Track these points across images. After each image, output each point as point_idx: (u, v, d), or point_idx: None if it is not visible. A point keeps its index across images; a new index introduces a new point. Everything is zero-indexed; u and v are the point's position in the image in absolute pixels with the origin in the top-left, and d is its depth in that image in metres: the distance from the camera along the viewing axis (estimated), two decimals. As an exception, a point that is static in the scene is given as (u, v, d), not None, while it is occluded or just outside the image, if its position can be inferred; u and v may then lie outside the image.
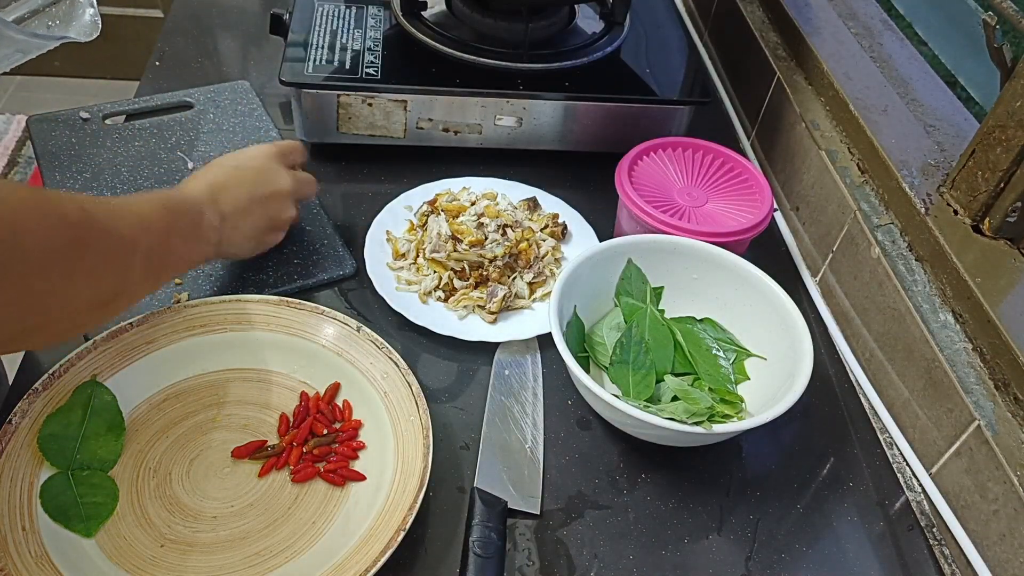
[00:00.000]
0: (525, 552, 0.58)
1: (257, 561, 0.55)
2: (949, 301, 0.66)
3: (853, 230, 0.75)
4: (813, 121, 0.84)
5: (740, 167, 0.79)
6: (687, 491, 0.63)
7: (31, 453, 0.57)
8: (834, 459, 0.67)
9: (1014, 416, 0.58)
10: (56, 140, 0.83)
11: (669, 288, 0.72)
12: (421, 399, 0.61)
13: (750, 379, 0.68)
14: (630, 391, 0.65)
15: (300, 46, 0.84)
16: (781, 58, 0.93)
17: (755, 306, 0.68)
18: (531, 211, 0.81)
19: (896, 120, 0.78)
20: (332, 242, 0.77)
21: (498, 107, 0.84)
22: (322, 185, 0.83)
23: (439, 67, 0.84)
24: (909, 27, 0.90)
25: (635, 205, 0.73)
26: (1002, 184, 0.65)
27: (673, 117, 0.87)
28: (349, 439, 0.62)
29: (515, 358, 0.70)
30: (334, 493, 0.59)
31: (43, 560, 0.52)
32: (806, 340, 0.63)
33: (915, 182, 0.72)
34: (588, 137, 0.87)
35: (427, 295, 0.73)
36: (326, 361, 0.65)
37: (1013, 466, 0.56)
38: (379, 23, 0.89)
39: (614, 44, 0.90)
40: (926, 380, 0.64)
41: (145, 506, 0.57)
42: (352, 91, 0.81)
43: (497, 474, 0.61)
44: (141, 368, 0.63)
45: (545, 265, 0.76)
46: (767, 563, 0.59)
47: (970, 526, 0.60)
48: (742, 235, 0.72)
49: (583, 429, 0.66)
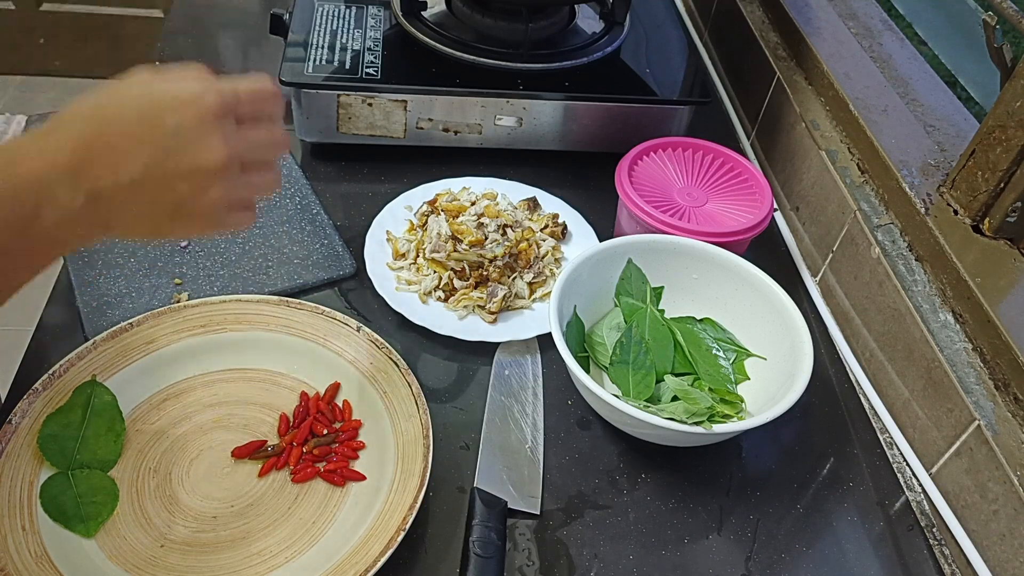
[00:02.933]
0: (525, 552, 0.58)
1: (257, 561, 0.55)
2: (949, 301, 0.66)
3: (853, 230, 0.75)
4: (813, 121, 0.84)
5: (740, 167, 0.79)
6: (687, 491, 0.63)
7: (31, 453, 0.57)
8: (834, 459, 0.67)
9: (1014, 416, 0.58)
10: (56, 140, 0.83)
11: (669, 288, 0.72)
12: (421, 399, 0.61)
13: (750, 379, 0.68)
14: (630, 391, 0.65)
15: (300, 46, 0.84)
16: (781, 58, 0.92)
17: (755, 306, 0.68)
18: (531, 211, 0.81)
19: (896, 120, 0.78)
20: (332, 242, 0.77)
21: (498, 107, 0.84)
22: (322, 185, 0.83)
23: (439, 67, 0.84)
24: (909, 27, 0.90)
25: (635, 205, 0.73)
26: (1002, 184, 0.65)
27: (673, 117, 0.87)
28: (349, 439, 0.62)
29: (515, 358, 0.70)
30: (334, 493, 0.59)
31: (43, 560, 0.52)
32: (806, 340, 0.63)
33: (915, 182, 0.72)
34: (588, 137, 0.87)
35: (427, 295, 0.73)
36: (326, 361, 0.65)
37: (1013, 466, 0.56)
38: (379, 23, 0.89)
39: (614, 44, 0.90)
40: (926, 380, 0.64)
41: (145, 506, 0.57)
42: (352, 91, 0.81)
43: (497, 474, 0.61)
44: (141, 368, 0.63)
45: (545, 265, 0.76)
46: (767, 563, 0.59)
47: (970, 526, 0.60)
48: (742, 235, 0.72)
49: (583, 429, 0.66)
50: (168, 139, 0.43)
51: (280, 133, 0.50)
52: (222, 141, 0.45)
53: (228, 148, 0.45)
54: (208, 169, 0.45)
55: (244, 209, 0.49)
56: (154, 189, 0.44)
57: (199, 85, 0.45)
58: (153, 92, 0.44)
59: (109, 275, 0.71)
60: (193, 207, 0.46)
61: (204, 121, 0.44)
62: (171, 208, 0.46)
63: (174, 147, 0.44)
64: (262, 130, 0.48)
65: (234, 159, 0.46)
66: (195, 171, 0.45)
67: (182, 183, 0.45)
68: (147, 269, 0.72)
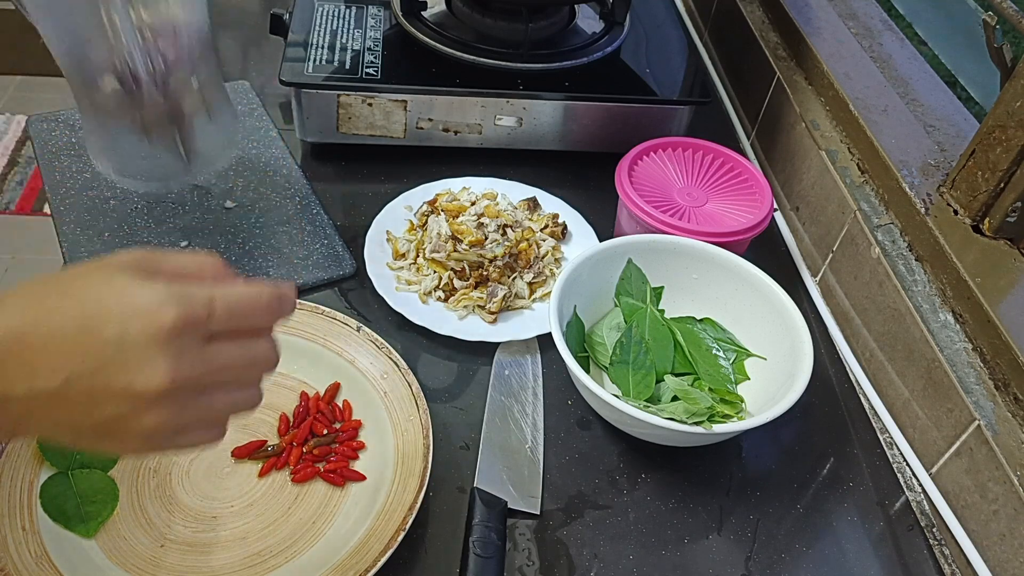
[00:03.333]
0: (525, 552, 0.58)
1: (257, 561, 0.55)
2: (949, 301, 0.66)
3: (853, 230, 0.75)
4: (813, 121, 0.84)
5: (740, 167, 0.79)
6: (687, 491, 0.63)
7: (31, 453, 0.57)
8: (834, 459, 0.67)
9: (1014, 416, 0.58)
10: (56, 140, 0.83)
11: (669, 288, 0.72)
12: (421, 399, 0.61)
13: (750, 379, 0.68)
14: (630, 391, 0.65)
15: (300, 46, 0.84)
16: (781, 58, 0.93)
17: (755, 306, 0.68)
18: (531, 211, 0.81)
19: (896, 120, 0.78)
20: (332, 242, 0.77)
21: (498, 107, 0.84)
22: (322, 185, 0.83)
23: (439, 67, 0.84)
24: (909, 27, 0.90)
25: (635, 205, 0.73)
26: (1002, 184, 0.65)
27: (673, 117, 0.87)
28: (349, 439, 0.62)
29: (515, 358, 0.70)
30: (334, 493, 0.59)
31: (43, 560, 0.52)
32: (806, 340, 0.63)
33: (915, 182, 0.72)
34: (588, 137, 0.87)
35: (427, 295, 0.73)
36: (326, 361, 0.65)
37: (1013, 466, 0.56)
38: (379, 23, 0.89)
39: (614, 44, 0.90)
40: (926, 380, 0.64)
41: (145, 506, 0.57)
42: (352, 91, 0.81)
43: (497, 474, 0.61)
44: (141, 368, 0.63)
45: (545, 265, 0.76)
46: (767, 563, 0.59)
47: (970, 526, 0.60)
48: (742, 235, 0.72)
49: (583, 429, 0.66)
50: (102, 353, 0.37)
51: (265, 351, 0.42)
52: (168, 364, 0.37)
53: (175, 372, 0.38)
54: (142, 394, 0.38)
55: (206, 428, 0.42)
56: (74, 406, 0.38)
57: (164, 294, 0.38)
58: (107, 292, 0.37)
59: (109, 275, 0.71)
60: (123, 430, 0.39)
61: (153, 338, 0.37)
62: (95, 427, 0.39)
63: (107, 363, 0.37)
64: (237, 350, 0.41)
65: (185, 383, 0.38)
66: (126, 394, 0.37)
67: (109, 405, 0.38)
68: (147, 269, 0.72)
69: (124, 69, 0.63)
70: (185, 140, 0.70)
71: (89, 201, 0.77)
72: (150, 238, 0.74)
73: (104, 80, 0.64)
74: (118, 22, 0.60)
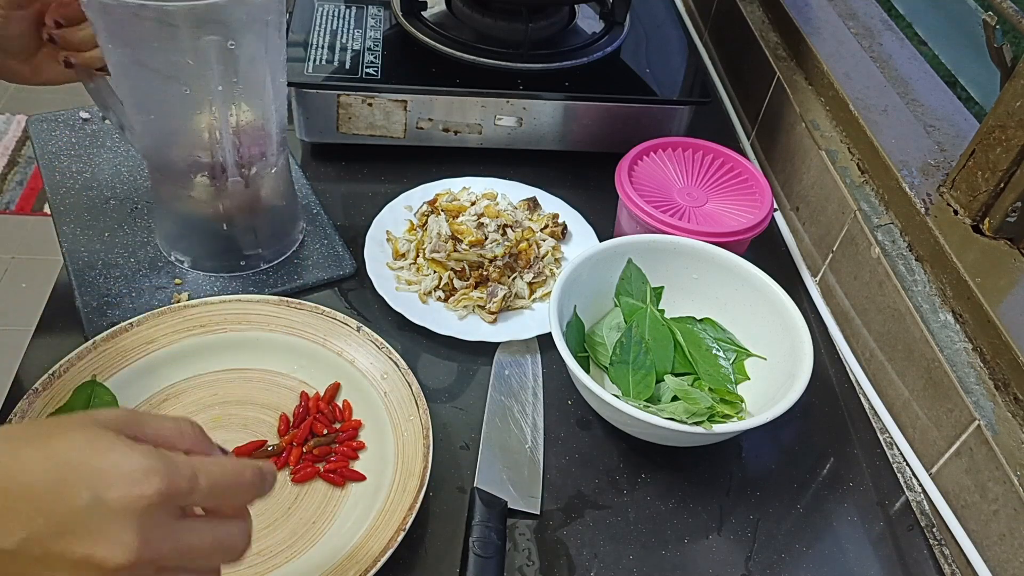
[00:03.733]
0: (525, 552, 0.58)
1: (257, 561, 0.55)
2: (949, 301, 0.66)
3: (853, 230, 0.75)
4: (813, 121, 0.84)
5: (740, 167, 0.79)
6: (687, 491, 0.63)
7: None
8: (834, 459, 0.67)
9: (1014, 416, 0.58)
10: (56, 140, 0.83)
11: (669, 288, 0.72)
12: (421, 399, 0.61)
13: (750, 379, 0.68)
14: (630, 391, 0.65)
15: (300, 46, 0.84)
16: (781, 58, 0.93)
17: (755, 306, 0.68)
18: (531, 211, 0.81)
19: (896, 120, 0.78)
20: (332, 242, 0.77)
21: (498, 107, 0.84)
22: (322, 185, 0.83)
23: (439, 67, 0.84)
24: (909, 27, 0.90)
25: (635, 205, 0.73)
26: (1002, 184, 0.65)
27: (673, 117, 0.87)
28: (349, 439, 0.62)
29: (515, 358, 0.70)
30: (334, 493, 0.59)
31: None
32: (806, 340, 0.63)
33: (915, 182, 0.72)
34: (588, 137, 0.87)
35: (427, 295, 0.73)
36: (326, 361, 0.65)
37: (1013, 466, 0.56)
38: (379, 23, 0.89)
39: (614, 44, 0.90)
40: (926, 380, 0.64)
41: (145, 506, 0.57)
42: (352, 91, 0.81)
43: (497, 474, 0.61)
44: (141, 368, 0.63)
45: (545, 265, 0.76)
46: (767, 563, 0.59)
47: (970, 526, 0.60)
48: (742, 235, 0.72)
49: (583, 429, 0.66)
50: (69, 517, 0.35)
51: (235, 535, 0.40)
52: (138, 537, 0.35)
53: (142, 548, 0.35)
54: (101, 565, 0.35)
55: None
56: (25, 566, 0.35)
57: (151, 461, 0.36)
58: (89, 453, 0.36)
59: (109, 275, 0.71)
60: None
61: (130, 507, 0.35)
62: None
63: (70, 528, 0.35)
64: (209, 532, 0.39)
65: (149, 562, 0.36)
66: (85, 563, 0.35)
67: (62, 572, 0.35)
68: (147, 269, 0.72)
69: (215, 164, 0.65)
70: (260, 226, 0.72)
71: (89, 201, 0.77)
72: (150, 238, 0.74)
73: (191, 173, 0.66)
74: (217, 124, 0.62)
